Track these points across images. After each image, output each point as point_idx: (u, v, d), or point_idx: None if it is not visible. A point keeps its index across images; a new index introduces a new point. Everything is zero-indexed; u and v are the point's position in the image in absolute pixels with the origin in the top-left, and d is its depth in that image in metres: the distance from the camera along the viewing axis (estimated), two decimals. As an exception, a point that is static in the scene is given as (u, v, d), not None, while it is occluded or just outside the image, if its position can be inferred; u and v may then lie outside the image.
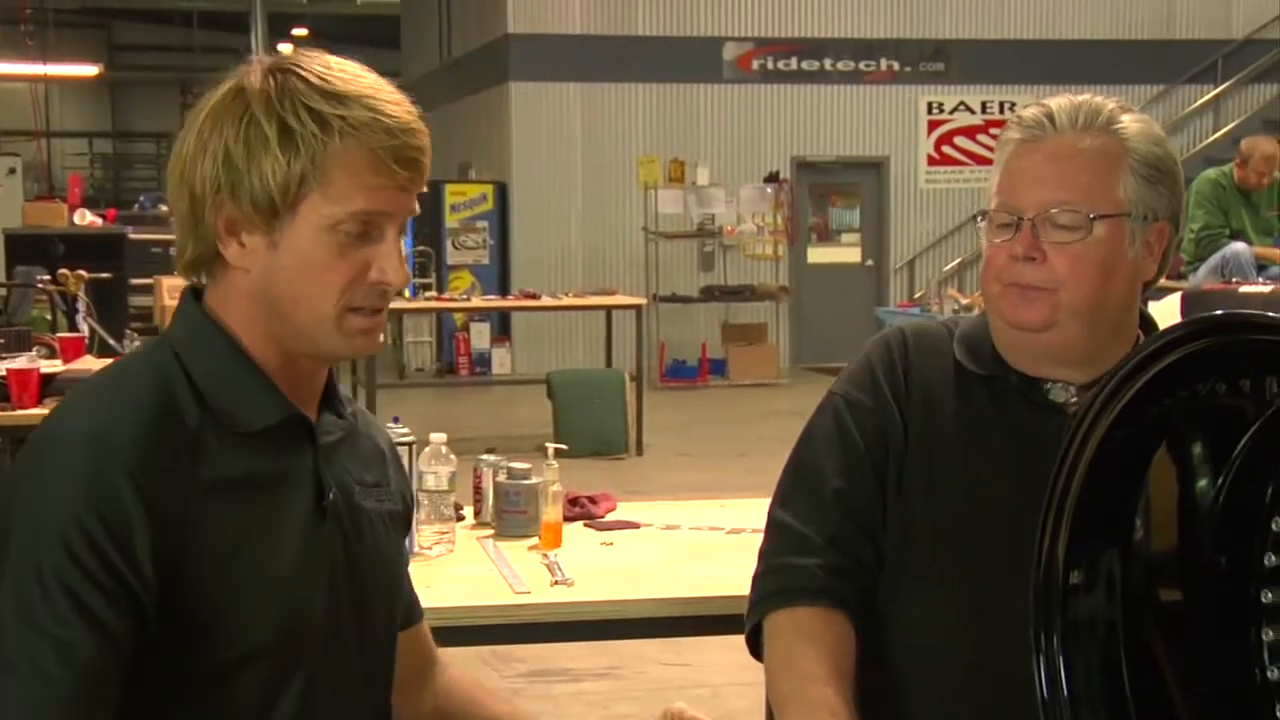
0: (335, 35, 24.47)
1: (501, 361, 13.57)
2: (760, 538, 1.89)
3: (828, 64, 15.15)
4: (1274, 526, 1.29)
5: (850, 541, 1.74)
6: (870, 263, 15.56)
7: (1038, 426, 1.71)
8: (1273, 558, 1.29)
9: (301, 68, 1.39)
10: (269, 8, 20.32)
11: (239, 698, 1.39)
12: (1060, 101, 1.73)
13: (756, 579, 1.78)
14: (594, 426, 9.03)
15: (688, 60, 14.80)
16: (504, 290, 12.98)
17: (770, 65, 15.03)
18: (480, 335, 13.66)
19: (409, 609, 1.69)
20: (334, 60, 1.41)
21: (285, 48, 21.73)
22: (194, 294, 1.45)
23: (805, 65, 15.10)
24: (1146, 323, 1.79)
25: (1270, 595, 1.29)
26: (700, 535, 2.93)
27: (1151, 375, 1.32)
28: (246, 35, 19.49)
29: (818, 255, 15.52)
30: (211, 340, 1.42)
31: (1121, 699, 1.37)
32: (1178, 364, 1.31)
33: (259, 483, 1.42)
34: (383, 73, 1.50)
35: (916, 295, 13.59)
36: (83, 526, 1.29)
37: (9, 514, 1.33)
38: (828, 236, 15.66)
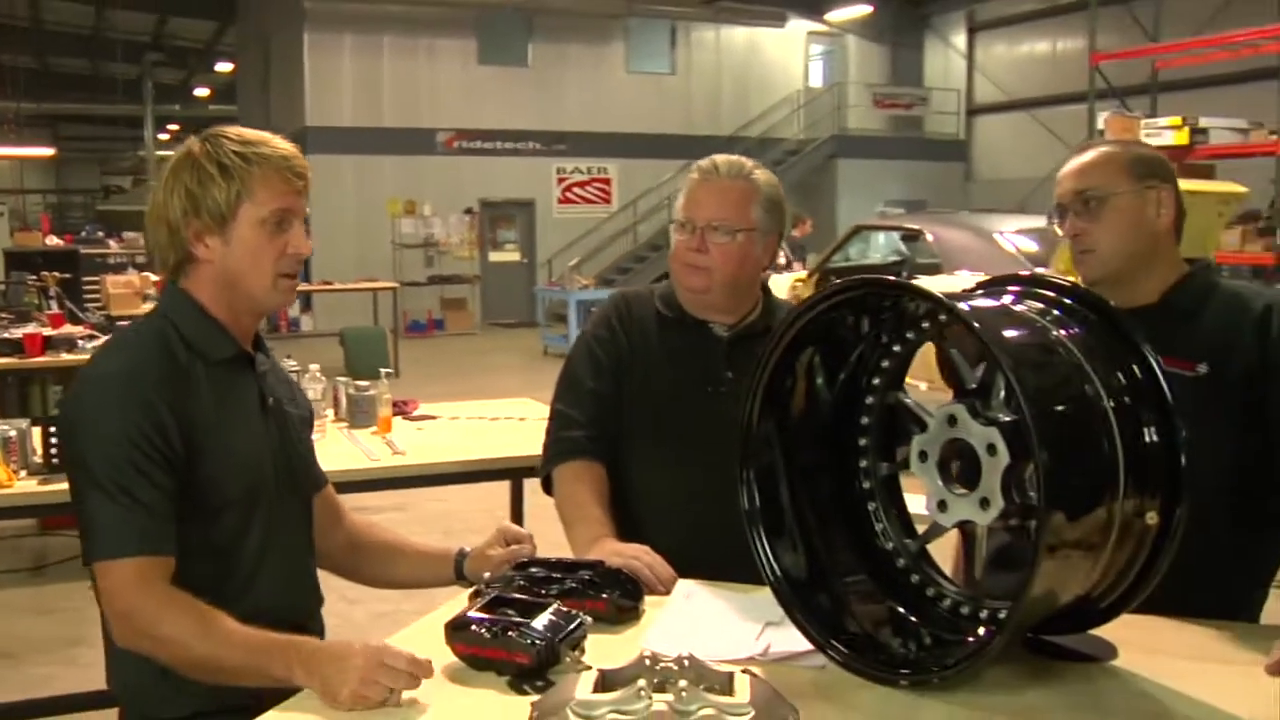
0: (195, 130, 26.85)
1: (308, 323, 15.36)
2: (511, 425, 2.62)
3: (499, 144, 17.60)
4: (865, 410, 1.63)
5: (602, 420, 2.08)
6: (525, 260, 17.72)
7: (706, 347, 2.12)
8: (864, 425, 1.62)
9: (223, 133, 1.72)
10: (156, 114, 24.12)
11: (225, 528, 1.69)
12: (720, 158, 2.10)
13: (545, 446, 2.12)
14: (370, 360, 10.09)
15: (416, 141, 16.93)
16: (308, 279, 14.12)
17: (465, 144, 17.43)
18: (294, 308, 14.45)
19: (319, 478, 1.98)
20: (235, 128, 1.74)
21: (163, 136, 26.14)
22: (173, 283, 1.73)
23: (485, 145, 17.55)
24: (765, 290, 2.18)
25: (864, 441, 1.63)
26: (473, 423, 3.33)
27: (815, 313, 1.56)
28: (141, 129, 23.79)
29: (496, 256, 17.56)
30: (189, 307, 1.71)
31: (780, 507, 1.63)
32: (828, 309, 1.55)
33: (226, 393, 1.70)
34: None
35: (555, 279, 15.34)
36: (140, 430, 1.59)
37: (76, 435, 1.62)
38: (500, 246, 17.64)
